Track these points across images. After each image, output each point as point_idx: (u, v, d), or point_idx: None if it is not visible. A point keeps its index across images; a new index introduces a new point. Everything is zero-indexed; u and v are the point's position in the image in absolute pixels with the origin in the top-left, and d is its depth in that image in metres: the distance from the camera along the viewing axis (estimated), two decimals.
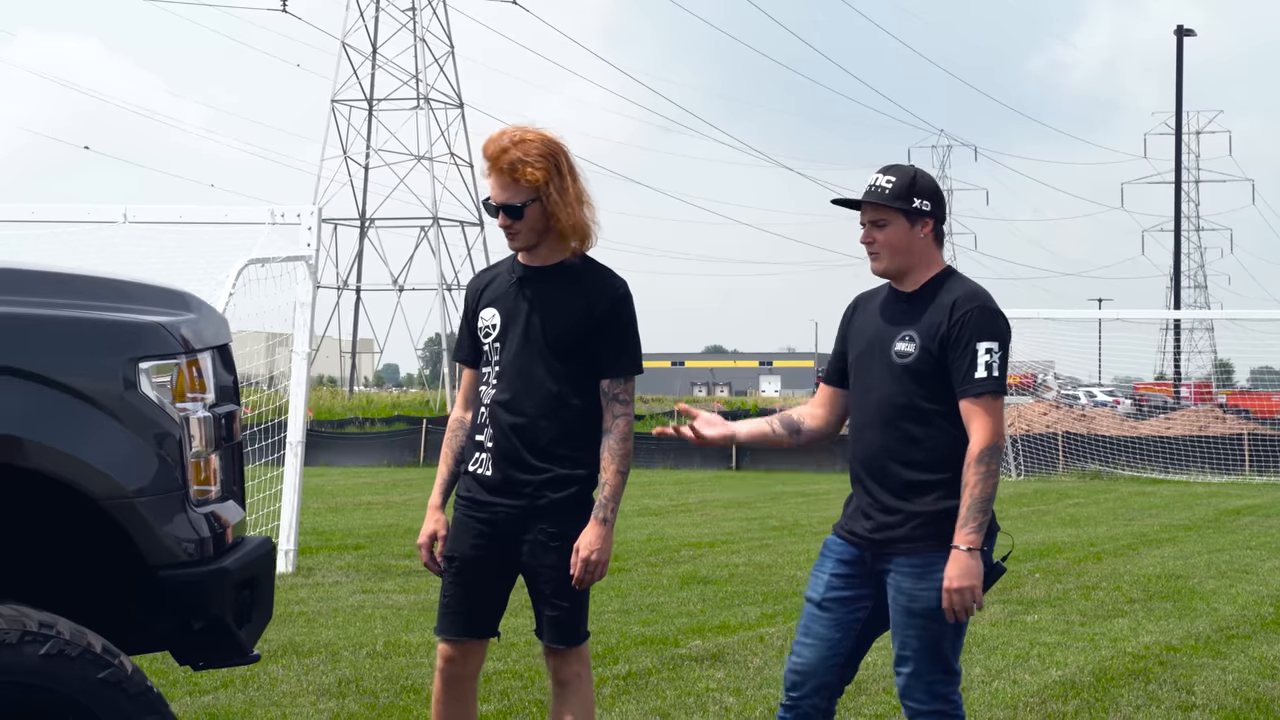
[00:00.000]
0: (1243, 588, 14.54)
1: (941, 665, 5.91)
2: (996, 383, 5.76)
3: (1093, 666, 10.20)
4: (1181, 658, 10.60)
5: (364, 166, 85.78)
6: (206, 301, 5.76)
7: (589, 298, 6.23)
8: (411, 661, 10.29)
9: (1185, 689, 9.47)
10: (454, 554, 6.32)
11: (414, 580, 14.74)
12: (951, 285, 5.90)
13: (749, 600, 13.49)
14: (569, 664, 6.33)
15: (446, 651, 6.42)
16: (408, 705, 8.88)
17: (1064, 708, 8.92)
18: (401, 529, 19.84)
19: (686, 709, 8.86)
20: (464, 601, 6.34)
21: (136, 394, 4.99)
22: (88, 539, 5.20)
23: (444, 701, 6.47)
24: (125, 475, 4.92)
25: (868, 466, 5.97)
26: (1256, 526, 21.63)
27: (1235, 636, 11.56)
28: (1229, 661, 10.44)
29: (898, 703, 8.78)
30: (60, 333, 4.92)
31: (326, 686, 9.40)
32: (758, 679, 9.73)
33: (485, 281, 6.44)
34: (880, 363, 5.94)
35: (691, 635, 11.44)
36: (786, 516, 22.90)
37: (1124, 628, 11.93)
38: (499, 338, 6.26)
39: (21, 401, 4.77)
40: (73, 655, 4.67)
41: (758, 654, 10.61)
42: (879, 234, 5.93)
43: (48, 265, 5.50)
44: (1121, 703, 9.09)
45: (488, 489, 6.22)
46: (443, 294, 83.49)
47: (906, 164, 6.03)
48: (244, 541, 5.58)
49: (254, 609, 5.54)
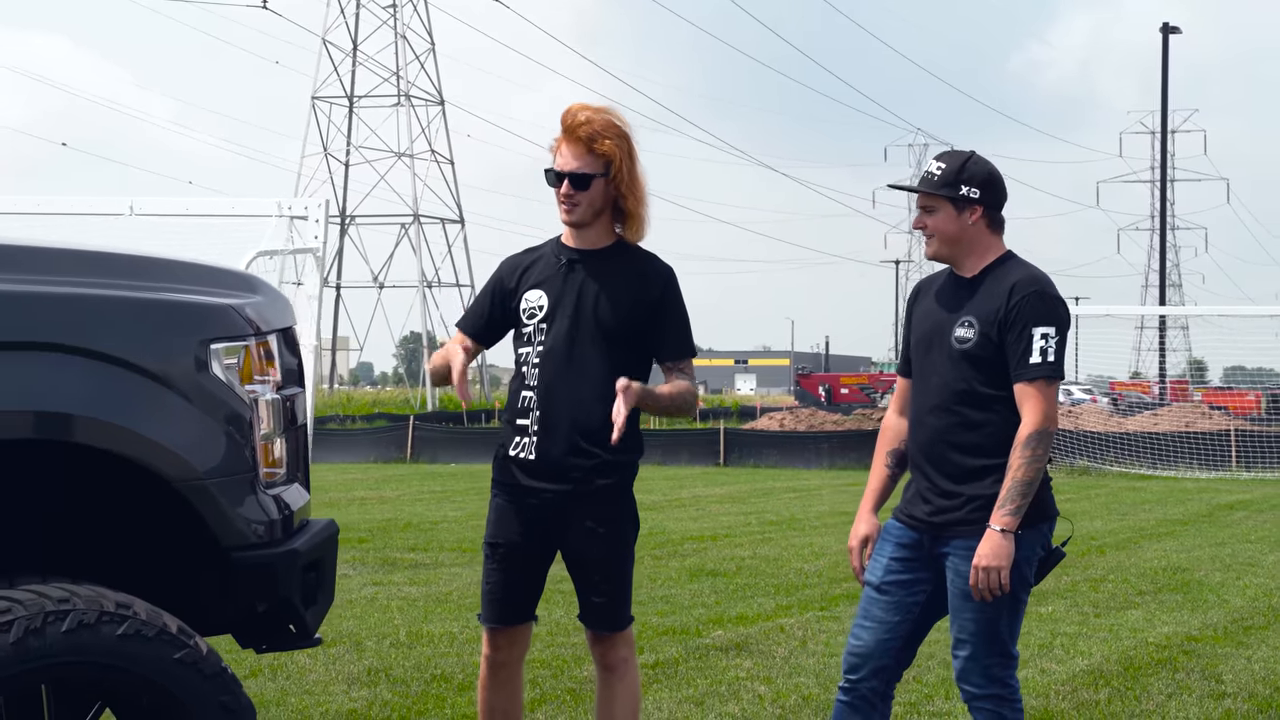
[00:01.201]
0: (1250, 580, 14.58)
1: (999, 649, 5.91)
2: (1052, 368, 5.76)
3: (1118, 656, 10.23)
4: (1204, 648, 10.62)
5: (344, 163, 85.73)
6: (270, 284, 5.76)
7: (644, 282, 6.22)
8: (436, 651, 10.27)
9: (1214, 678, 9.50)
10: (499, 540, 6.29)
11: (423, 573, 14.75)
12: (1011, 270, 5.89)
13: (761, 592, 13.50)
14: (616, 649, 6.33)
15: (494, 639, 6.37)
16: (441, 694, 8.87)
17: (1095, 696, 8.94)
18: (401, 523, 19.83)
19: (720, 697, 8.86)
20: (509, 588, 6.30)
21: (208, 375, 4.98)
22: (158, 521, 5.20)
23: (490, 688, 6.44)
24: (197, 457, 4.91)
25: (927, 451, 5.97)
26: (1251, 521, 21.69)
27: (1252, 627, 11.59)
28: (1252, 651, 10.47)
29: (928, 691, 8.87)
30: (132, 314, 4.91)
31: (356, 675, 9.39)
32: (786, 668, 9.73)
33: (527, 262, 6.35)
34: (940, 348, 5.93)
35: (712, 626, 11.45)
36: (782, 511, 22.94)
37: (1139, 619, 11.96)
38: (545, 319, 6.19)
39: (95, 383, 4.75)
40: (149, 636, 4.65)
41: (781, 644, 10.63)
42: (929, 219, 5.94)
43: (115, 247, 5.49)
44: (1153, 691, 9.10)
45: (533, 474, 6.17)
46: (423, 291, 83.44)
47: (963, 150, 6.03)
48: (310, 524, 5.57)
49: (319, 591, 5.55)
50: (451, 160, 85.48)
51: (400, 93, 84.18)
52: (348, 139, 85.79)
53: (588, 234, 6.24)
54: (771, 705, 8.67)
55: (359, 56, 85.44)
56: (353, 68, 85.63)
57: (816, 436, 38.99)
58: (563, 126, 6.17)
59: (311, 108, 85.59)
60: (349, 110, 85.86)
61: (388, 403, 75.67)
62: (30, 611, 4.46)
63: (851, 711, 6.05)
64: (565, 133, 6.15)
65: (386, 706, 8.57)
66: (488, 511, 6.35)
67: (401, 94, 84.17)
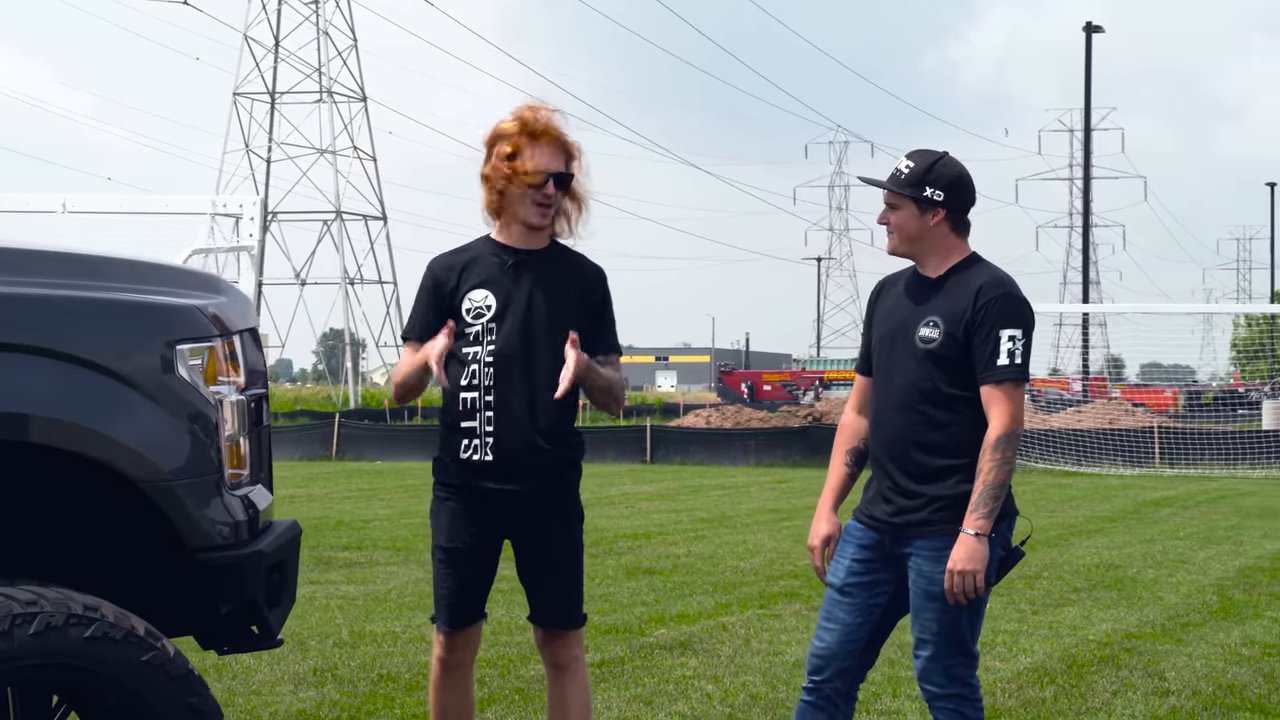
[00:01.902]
0: (1182, 577, 14.69)
1: (960, 648, 5.92)
2: (1019, 370, 5.77)
3: (1060, 653, 10.29)
4: (1145, 645, 10.70)
5: (266, 160, 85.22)
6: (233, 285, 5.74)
7: (585, 281, 6.25)
8: (380, 651, 10.25)
9: (1157, 675, 9.57)
10: (454, 544, 6.22)
11: (359, 571, 14.71)
12: (976, 271, 5.90)
13: (699, 590, 13.51)
14: (570, 647, 6.32)
15: (448, 641, 6.33)
16: (389, 694, 8.85)
17: (1041, 694, 8.99)
18: (332, 521, 19.77)
19: (669, 696, 8.87)
20: (465, 591, 6.26)
21: (174, 377, 4.96)
22: (123, 522, 5.17)
23: (443, 689, 6.41)
24: (163, 458, 4.89)
25: (889, 450, 5.97)
26: (1178, 518, 21.86)
27: (1190, 624, 11.69)
28: (1192, 649, 10.55)
29: (875, 689, 8.90)
30: (97, 315, 4.88)
31: (302, 675, 9.35)
32: (732, 667, 9.75)
33: (462, 261, 6.27)
34: (904, 347, 5.94)
35: (654, 624, 11.45)
36: (713, 509, 22.98)
37: (1076, 616, 12.04)
38: (495, 319, 6.14)
39: (60, 384, 4.73)
40: (117, 638, 4.64)
41: (724, 643, 10.65)
42: (891, 216, 5.95)
43: (78, 248, 5.46)
44: (1098, 688, 9.17)
45: (490, 476, 6.11)
46: (345, 288, 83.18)
47: (936, 150, 6.02)
48: (273, 525, 5.56)
49: (283, 592, 5.54)
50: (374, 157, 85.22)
51: (322, 89, 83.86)
52: (269, 135, 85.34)
53: (537, 235, 6.24)
54: (720, 704, 8.68)
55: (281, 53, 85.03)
56: (274, 64, 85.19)
57: (743, 434, 39.11)
58: (535, 127, 6.14)
59: (233, 104, 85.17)
60: (271, 106, 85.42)
61: (309, 399, 75.42)
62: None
63: (815, 711, 6.07)
64: (540, 133, 6.13)
65: (335, 707, 8.54)
66: (434, 516, 6.26)
67: (324, 90, 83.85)
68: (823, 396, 76.08)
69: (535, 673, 9.31)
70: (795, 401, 75.55)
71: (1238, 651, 10.46)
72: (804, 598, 12.99)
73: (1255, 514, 22.55)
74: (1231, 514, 22.59)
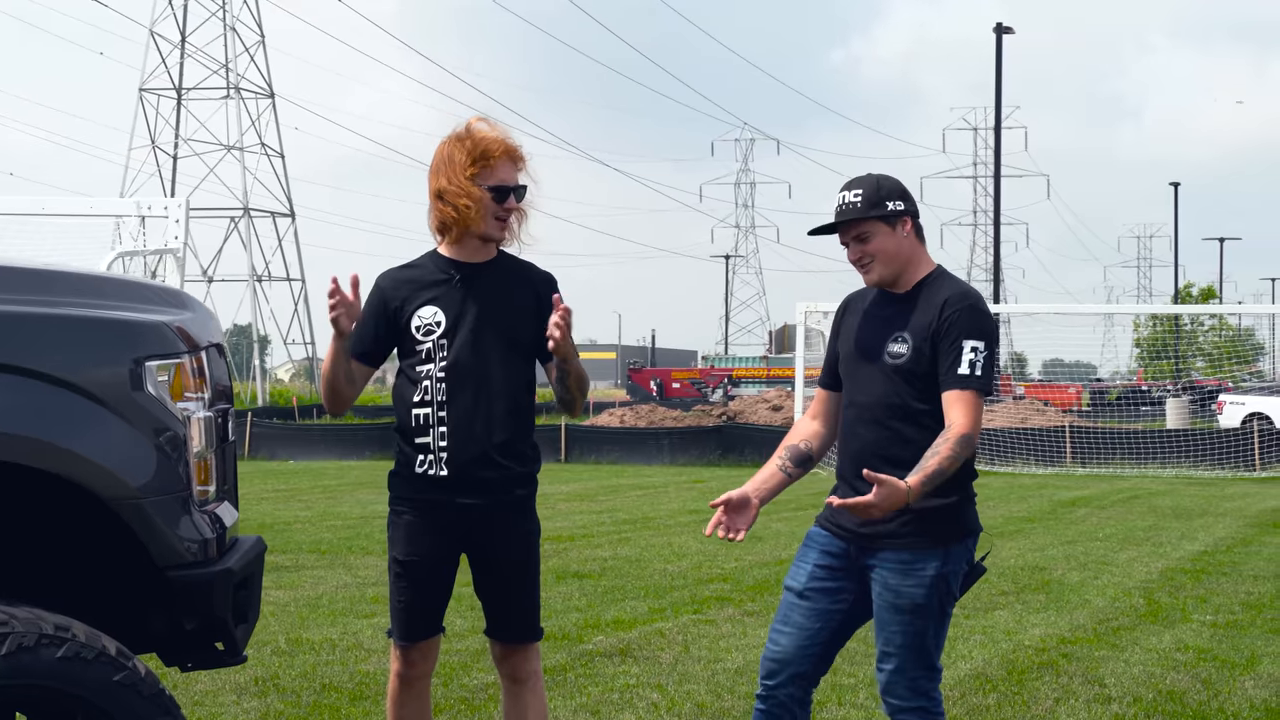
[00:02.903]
0: (1107, 579, 14.81)
1: (924, 661, 5.94)
2: (979, 381, 5.79)
3: (999, 659, 10.34)
4: (1080, 650, 10.77)
5: (173, 156, 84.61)
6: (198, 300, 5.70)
7: (534, 290, 6.25)
8: (319, 659, 10.19)
9: (1096, 682, 9.62)
10: (412, 558, 6.20)
11: (286, 576, 14.64)
12: (942, 285, 5.92)
13: (630, 594, 13.51)
14: (529, 661, 6.32)
15: (405, 655, 6.31)
16: (334, 704, 8.80)
17: (985, 700, 9.03)
18: (252, 524, 19.64)
19: (614, 705, 8.86)
20: (423, 604, 6.25)
21: (143, 393, 4.93)
22: (88, 540, 5.13)
23: (403, 703, 6.39)
24: (132, 475, 4.86)
25: (857, 464, 5.97)
26: (1095, 518, 22.03)
27: (1120, 628, 11.77)
28: (1128, 654, 10.61)
29: (820, 697, 8.92)
30: (65, 331, 4.84)
31: (244, 685, 9.28)
32: (675, 675, 9.75)
33: (408, 278, 6.26)
34: (872, 363, 5.95)
35: (590, 630, 11.43)
36: (634, 510, 22.99)
37: (1008, 620, 12.10)
38: (445, 335, 6.14)
39: (29, 401, 4.69)
40: (89, 658, 4.62)
41: (664, 649, 10.64)
42: (866, 246, 5.92)
43: (44, 263, 5.41)
44: (1040, 695, 9.21)
45: (447, 489, 6.11)
46: (253, 285, 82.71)
47: (865, 174, 6.03)
48: (239, 541, 5.53)
49: (249, 609, 5.52)
50: (282, 153, 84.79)
51: (230, 85, 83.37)
52: (176, 131, 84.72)
53: (483, 248, 6.26)
54: (667, 714, 8.68)
55: (188, 48, 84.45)
56: (181, 59, 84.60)
57: (658, 433, 39.12)
58: (495, 149, 6.17)
59: (139, 99, 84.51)
60: (177, 102, 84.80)
61: None
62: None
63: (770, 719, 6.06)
64: (501, 151, 6.17)
65: (281, 718, 8.48)
66: (391, 529, 6.24)
67: (231, 86, 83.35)
68: (732, 394, 76.14)
69: (478, 682, 9.29)
70: (705, 400, 75.67)
71: (1172, 657, 10.53)
72: (736, 602, 13.01)
73: (1170, 514, 22.76)
74: (1147, 514, 22.79)
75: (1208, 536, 19.35)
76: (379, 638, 10.89)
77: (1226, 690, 9.41)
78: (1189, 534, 19.69)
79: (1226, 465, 34.82)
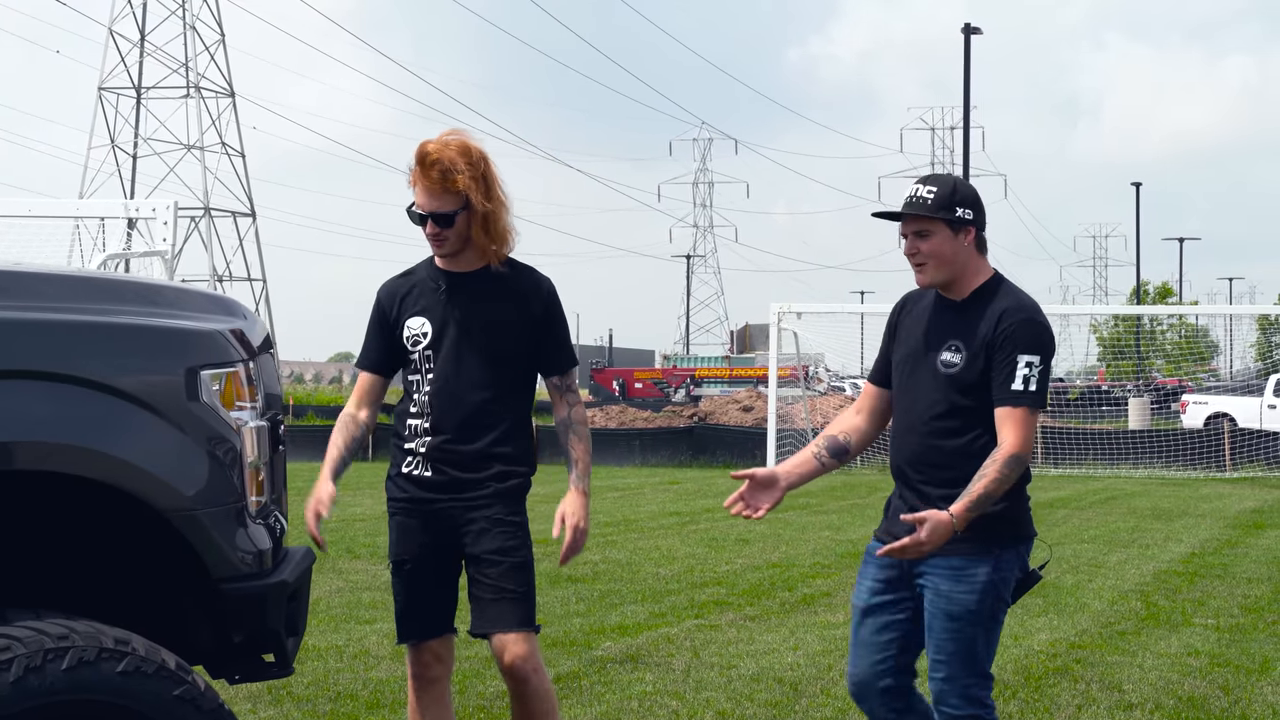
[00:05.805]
0: (1102, 583, 14.78)
1: (976, 669, 5.88)
2: (1033, 397, 5.73)
3: (1013, 665, 10.28)
4: (1093, 655, 10.72)
5: (132, 156, 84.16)
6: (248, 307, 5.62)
7: (523, 299, 6.28)
8: (328, 667, 10.08)
9: (1115, 688, 9.57)
10: (404, 556, 6.30)
11: None
12: (1001, 295, 5.86)
13: (628, 599, 13.43)
14: (530, 656, 6.22)
15: (418, 656, 6.36)
16: (351, 712, 8.70)
17: (1007, 708, 8.96)
18: None
19: (634, 714, 8.77)
20: (422, 601, 6.32)
21: (198, 403, 4.87)
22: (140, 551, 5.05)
23: (424, 707, 6.43)
24: (188, 486, 4.81)
25: (910, 470, 5.94)
26: (1076, 520, 22.04)
27: (1125, 633, 11.74)
28: (1141, 659, 10.56)
29: (840, 705, 8.84)
30: (122, 340, 4.77)
31: (257, 694, 9.18)
32: (691, 682, 9.65)
33: (404, 289, 6.37)
34: (925, 369, 5.90)
35: (597, 636, 11.35)
36: (614, 513, 22.90)
37: (1013, 624, 12.02)
38: (431, 346, 6.25)
39: (85, 411, 4.62)
40: (149, 672, 4.56)
41: (675, 656, 10.56)
42: (923, 244, 5.87)
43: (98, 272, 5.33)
44: (1061, 702, 9.15)
45: (427, 488, 6.24)
46: (214, 285, 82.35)
47: (945, 173, 6.00)
48: (290, 553, 5.46)
49: (299, 621, 5.46)
50: (243, 153, 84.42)
51: (189, 84, 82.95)
52: (135, 131, 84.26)
53: (463, 257, 6.28)
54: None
55: (147, 47, 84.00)
56: (140, 58, 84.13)
57: (629, 433, 39.11)
58: (416, 162, 6.16)
59: (98, 99, 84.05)
60: (137, 102, 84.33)
61: None
62: (30, 649, 4.35)
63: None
64: (419, 171, 6.16)
65: None
66: (388, 531, 6.35)
67: (191, 85, 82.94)
68: (695, 394, 76.13)
69: (495, 689, 9.19)
70: (667, 400, 75.60)
71: (1185, 662, 10.49)
72: (736, 607, 12.95)
73: (1150, 516, 22.80)
74: (1127, 515, 22.84)
75: (1192, 538, 19.38)
76: (384, 644, 10.79)
77: (1246, 696, 9.37)
78: (1173, 535, 19.72)
79: (1198, 466, 34.95)
